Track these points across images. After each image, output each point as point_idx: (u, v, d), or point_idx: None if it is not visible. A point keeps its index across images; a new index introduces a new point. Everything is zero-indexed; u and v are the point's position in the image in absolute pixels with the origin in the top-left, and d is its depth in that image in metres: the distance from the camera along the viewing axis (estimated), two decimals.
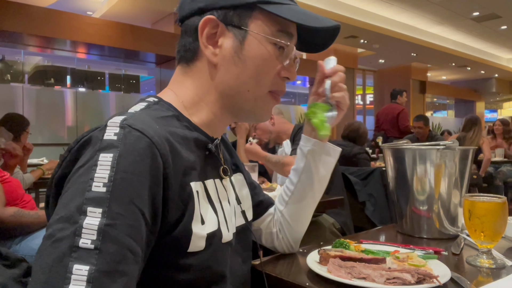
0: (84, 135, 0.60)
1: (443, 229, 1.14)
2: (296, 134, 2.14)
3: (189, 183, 0.65)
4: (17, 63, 6.67)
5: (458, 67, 11.83)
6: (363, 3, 7.73)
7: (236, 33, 0.71)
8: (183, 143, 0.66)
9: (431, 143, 1.16)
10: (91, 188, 0.52)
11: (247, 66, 0.71)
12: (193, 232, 0.63)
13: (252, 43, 0.71)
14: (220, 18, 0.70)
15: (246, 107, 0.75)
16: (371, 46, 9.44)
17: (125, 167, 0.54)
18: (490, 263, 0.89)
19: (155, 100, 0.72)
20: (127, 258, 0.51)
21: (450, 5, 7.57)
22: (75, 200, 0.52)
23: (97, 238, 0.49)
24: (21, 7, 5.36)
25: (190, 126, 0.71)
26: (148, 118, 0.64)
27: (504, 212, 0.90)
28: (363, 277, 0.77)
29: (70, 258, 0.48)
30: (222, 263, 0.70)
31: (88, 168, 0.54)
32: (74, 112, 6.33)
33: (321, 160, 0.92)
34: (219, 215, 0.71)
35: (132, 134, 0.57)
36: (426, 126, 5.03)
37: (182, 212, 0.63)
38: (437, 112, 17.76)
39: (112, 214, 0.51)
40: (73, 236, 0.49)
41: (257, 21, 0.71)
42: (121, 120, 0.59)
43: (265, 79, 0.73)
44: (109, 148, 0.55)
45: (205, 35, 0.70)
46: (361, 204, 2.54)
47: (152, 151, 0.57)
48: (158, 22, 7.51)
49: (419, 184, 1.15)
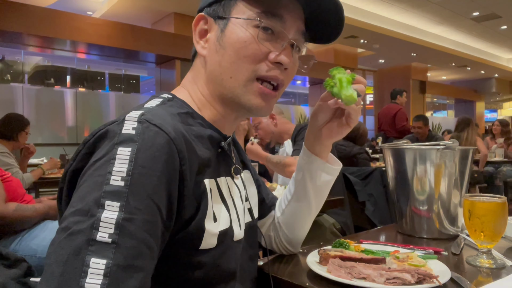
0: (101, 128, 0.59)
1: (443, 229, 1.14)
2: (297, 134, 2.13)
3: (203, 180, 0.65)
4: (17, 63, 6.67)
5: (458, 67, 11.82)
6: (363, 3, 7.72)
7: (220, 23, 0.72)
8: (197, 140, 0.67)
9: (431, 143, 1.16)
10: (109, 182, 0.52)
11: (227, 51, 0.70)
12: (205, 229, 0.63)
13: (232, 29, 0.70)
14: (209, 14, 0.73)
15: (233, 96, 0.72)
16: (371, 46, 9.44)
17: (144, 162, 0.54)
18: (490, 263, 0.89)
19: (169, 97, 0.73)
20: (144, 253, 0.51)
21: (450, 5, 7.57)
22: (93, 193, 0.52)
23: (114, 232, 0.49)
24: (21, 7, 5.36)
25: (204, 124, 0.72)
26: (165, 113, 0.64)
27: (504, 212, 0.90)
28: (363, 277, 0.77)
29: (87, 251, 0.48)
30: (232, 261, 0.70)
31: (106, 162, 0.54)
32: (74, 112, 6.34)
33: (318, 177, 0.87)
34: (232, 213, 0.71)
35: (150, 129, 0.57)
36: (425, 126, 5.03)
37: (196, 209, 0.63)
38: (437, 112, 17.76)
39: (130, 209, 0.51)
40: (91, 229, 0.49)
41: (239, 7, 0.70)
42: (139, 115, 0.59)
43: (246, 63, 0.69)
44: (127, 142, 0.55)
45: (197, 32, 0.74)
46: (361, 204, 2.54)
47: (170, 147, 0.57)
48: (158, 22, 7.50)
49: (419, 184, 1.15)
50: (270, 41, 0.70)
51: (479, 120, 14.57)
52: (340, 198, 1.86)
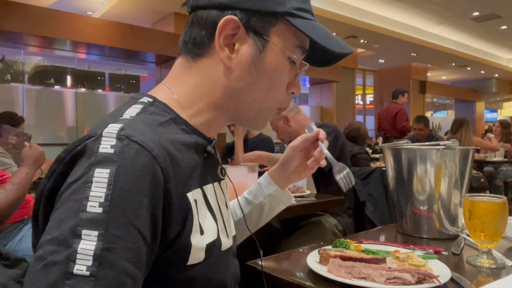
0: (76, 145, 0.54)
1: (443, 229, 1.14)
2: None
3: (189, 194, 0.61)
4: (17, 63, 6.67)
5: (458, 67, 11.82)
6: (363, 3, 7.72)
7: (256, 41, 0.66)
8: (183, 150, 0.62)
9: (431, 143, 1.16)
10: (85, 208, 0.48)
11: (261, 77, 0.67)
12: (192, 245, 0.60)
13: (270, 55, 0.67)
14: (242, 21, 0.65)
15: (248, 115, 0.72)
16: (371, 46, 9.44)
17: (124, 184, 0.50)
18: (490, 263, 0.89)
19: (149, 100, 0.67)
20: (126, 284, 0.48)
21: (450, 5, 7.57)
22: (69, 221, 0.48)
23: (93, 264, 0.46)
24: (21, 7, 5.35)
25: (188, 129, 0.67)
26: (146, 126, 0.58)
27: (504, 212, 0.90)
28: (363, 277, 0.77)
29: (64, 285, 0.45)
30: (222, 272, 0.68)
31: (82, 185, 0.50)
32: (74, 112, 6.33)
33: (277, 205, 1.00)
34: (219, 223, 0.69)
35: (130, 147, 0.53)
36: (426, 127, 5.03)
37: (182, 226, 0.59)
38: (437, 112, 17.76)
39: (109, 237, 0.47)
40: (67, 262, 0.46)
41: (279, 32, 0.67)
42: (118, 130, 0.54)
43: (275, 93, 0.70)
44: (105, 163, 0.51)
45: (223, 36, 0.65)
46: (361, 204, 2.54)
47: (153, 166, 0.53)
48: (158, 22, 7.50)
49: (419, 184, 1.15)
50: (291, 72, 0.71)
51: (479, 120, 14.58)
52: (340, 198, 1.86)
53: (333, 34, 0.71)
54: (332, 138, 2.02)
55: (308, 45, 0.71)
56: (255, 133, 3.34)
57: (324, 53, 0.70)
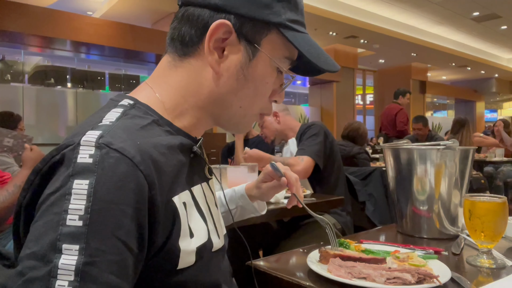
0: (54, 154, 0.52)
1: (443, 229, 1.14)
2: (303, 134, 2.14)
3: (176, 197, 0.59)
4: (17, 63, 6.67)
5: (458, 67, 11.83)
6: (363, 3, 7.73)
7: (247, 48, 0.65)
8: (167, 152, 0.60)
9: (431, 143, 1.16)
10: (65, 222, 0.46)
11: (248, 84, 0.67)
12: (181, 249, 0.58)
13: (259, 63, 0.67)
14: (235, 27, 0.63)
15: (233, 120, 0.71)
16: (371, 46, 9.45)
17: (104, 195, 0.48)
18: (490, 263, 0.89)
19: (130, 103, 0.63)
20: None
21: (450, 5, 7.57)
22: (48, 235, 0.46)
23: (75, 279, 0.44)
24: (21, 7, 5.36)
25: (172, 130, 0.65)
26: (126, 132, 0.56)
27: (504, 212, 0.90)
28: (363, 277, 0.77)
29: None
30: (214, 273, 0.67)
31: (61, 197, 0.48)
32: (74, 112, 6.33)
33: (247, 215, 1.11)
34: (209, 223, 0.67)
35: (110, 156, 0.50)
36: (425, 127, 5.02)
37: (170, 231, 0.57)
38: (437, 112, 17.76)
39: (91, 251, 0.46)
40: (48, 278, 0.44)
41: (270, 42, 0.66)
42: (96, 138, 0.52)
43: (260, 101, 0.71)
44: (84, 173, 0.49)
45: (214, 40, 0.63)
46: (361, 204, 2.54)
47: (135, 173, 0.51)
48: (158, 22, 7.51)
49: (419, 184, 1.15)
50: (277, 82, 0.72)
51: (479, 120, 14.58)
52: (340, 198, 1.86)
53: (322, 50, 0.71)
54: (322, 137, 2.06)
55: (296, 57, 0.71)
56: (255, 133, 3.34)
57: (311, 66, 0.70)
